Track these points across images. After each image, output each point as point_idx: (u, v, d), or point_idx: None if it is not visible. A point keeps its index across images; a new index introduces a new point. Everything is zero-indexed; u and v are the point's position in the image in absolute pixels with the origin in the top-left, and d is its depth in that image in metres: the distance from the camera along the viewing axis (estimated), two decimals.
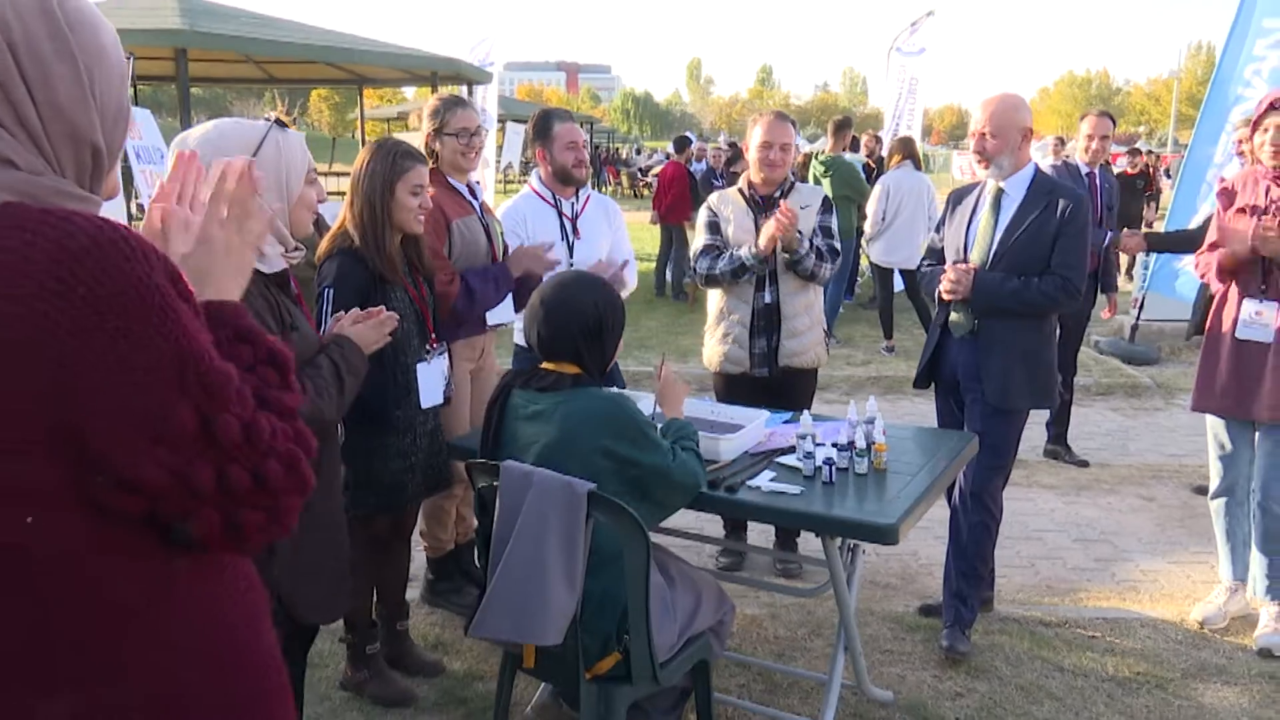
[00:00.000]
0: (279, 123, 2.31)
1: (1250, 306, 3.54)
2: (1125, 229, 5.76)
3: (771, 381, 4.02)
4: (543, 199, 3.99)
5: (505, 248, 3.77)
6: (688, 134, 14.72)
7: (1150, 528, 4.88)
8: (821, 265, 3.95)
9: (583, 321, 2.49)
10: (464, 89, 13.61)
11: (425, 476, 3.15)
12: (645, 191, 29.83)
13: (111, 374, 0.96)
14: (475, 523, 3.95)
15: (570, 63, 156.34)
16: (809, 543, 4.37)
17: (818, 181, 8.86)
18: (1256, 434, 3.62)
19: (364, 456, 2.98)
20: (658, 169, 19.28)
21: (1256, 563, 3.67)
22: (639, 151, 41.83)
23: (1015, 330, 3.41)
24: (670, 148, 14.68)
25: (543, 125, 3.94)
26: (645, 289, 11.62)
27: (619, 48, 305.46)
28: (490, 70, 14.79)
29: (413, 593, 3.85)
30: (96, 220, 0.98)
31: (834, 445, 2.79)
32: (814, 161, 9.27)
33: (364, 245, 2.96)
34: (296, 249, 2.32)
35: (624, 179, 32.82)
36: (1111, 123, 5.75)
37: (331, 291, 2.89)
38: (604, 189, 33.34)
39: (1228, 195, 3.64)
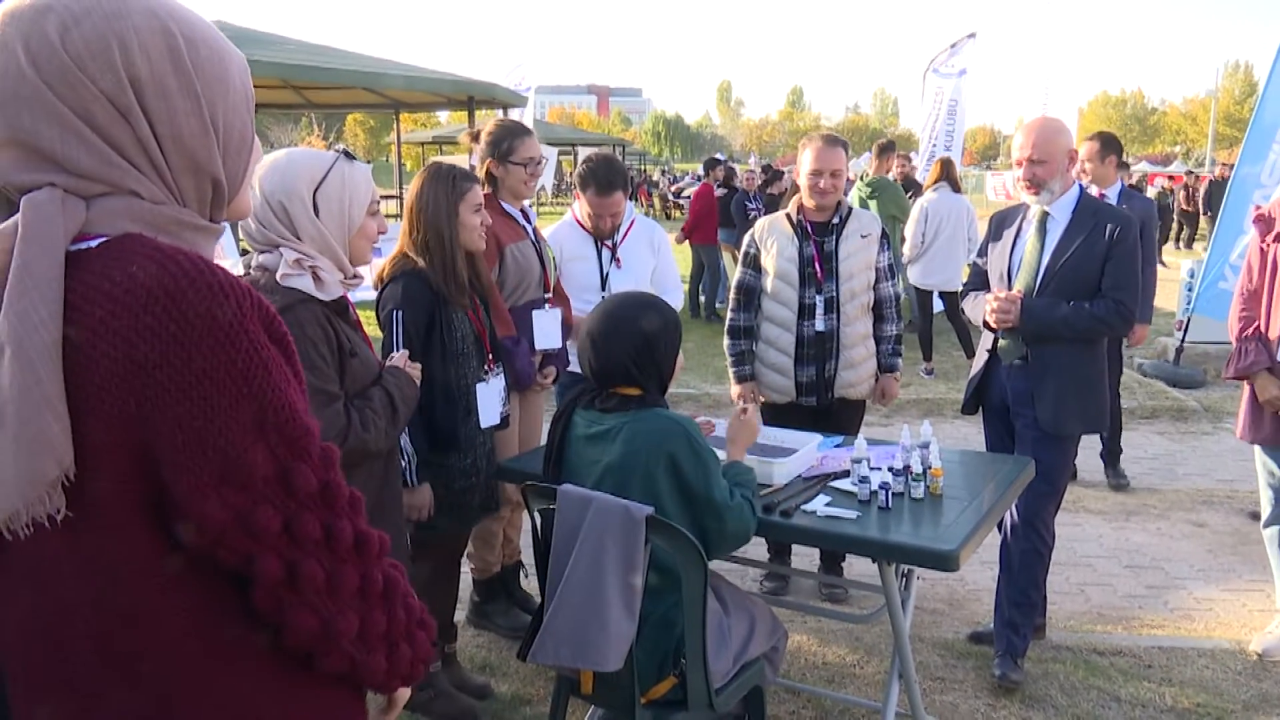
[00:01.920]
0: (346, 154, 2.36)
1: None
2: None
3: (819, 410, 3.99)
4: (583, 227, 3.99)
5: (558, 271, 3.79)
6: (718, 155, 14.77)
7: (1202, 554, 4.79)
8: (902, 345, 4.16)
9: (631, 346, 2.45)
10: (499, 113, 13.74)
11: (483, 497, 3.16)
12: (677, 214, 30.02)
13: (191, 411, 0.98)
14: (520, 545, 3.98)
15: (601, 86, 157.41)
16: (854, 566, 4.33)
17: (863, 204, 8.90)
18: None
19: (430, 477, 3.01)
20: (688, 190, 19.25)
21: None
22: (663, 173, 42.07)
23: (1067, 355, 3.37)
24: (700, 169, 14.77)
25: (581, 182, 3.88)
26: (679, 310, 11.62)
27: (650, 70, 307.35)
28: (526, 95, 14.96)
29: (459, 614, 3.86)
30: (199, 263, 1.01)
31: (889, 469, 2.77)
32: (859, 183, 9.31)
33: (432, 269, 2.99)
34: (355, 276, 2.36)
35: (655, 201, 33.03)
36: (1101, 144, 5.55)
37: (401, 314, 2.93)
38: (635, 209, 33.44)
39: (1265, 222, 3.53)
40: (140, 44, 1.03)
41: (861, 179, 9.38)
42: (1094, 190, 5.51)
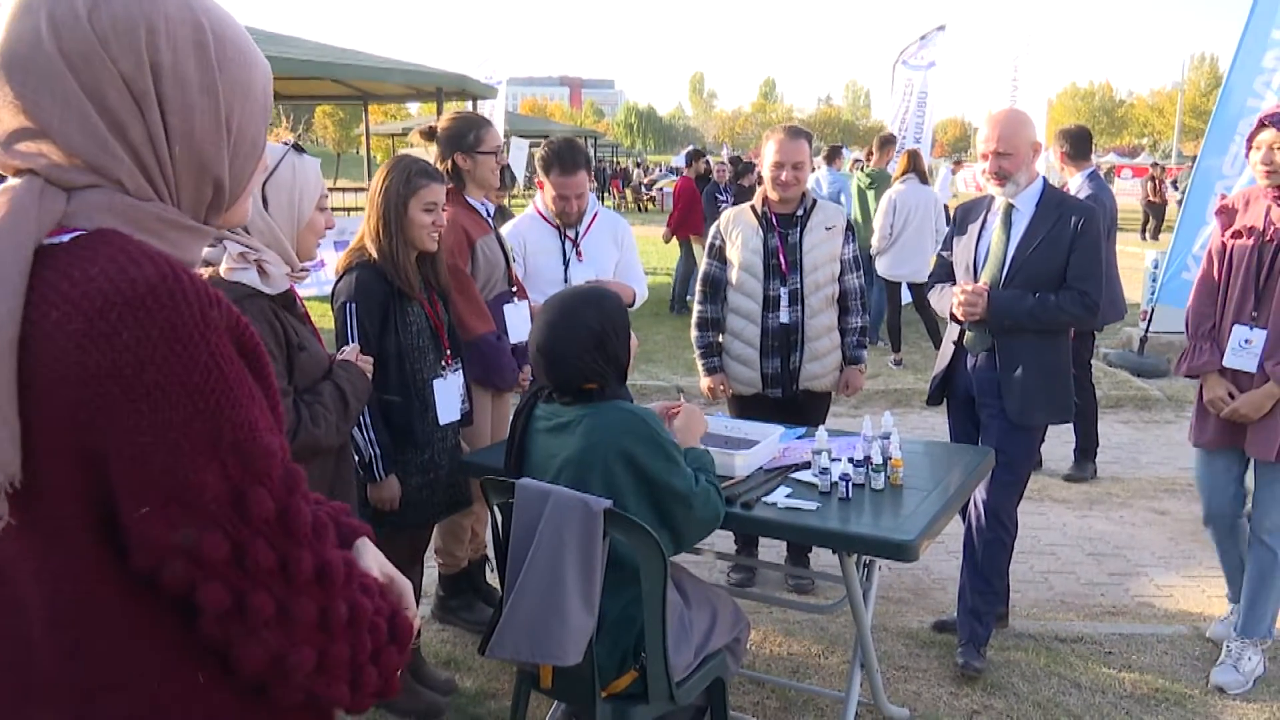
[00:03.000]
0: (296, 147, 2.33)
1: (1240, 333, 3.31)
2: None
3: (785, 402, 4.00)
4: (545, 220, 3.96)
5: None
6: (698, 148, 14.75)
7: (1163, 542, 4.85)
8: (867, 338, 4.17)
9: (581, 349, 2.40)
10: (469, 105, 13.66)
11: (446, 494, 3.14)
12: (650, 206, 30.07)
13: (139, 425, 0.93)
14: (486, 539, 3.95)
15: (573, 77, 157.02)
16: (820, 557, 4.34)
17: (862, 194, 9.32)
18: (1252, 466, 3.43)
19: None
20: (661, 183, 19.06)
21: (1243, 595, 3.49)
22: (638, 164, 42.09)
23: (1033, 346, 3.39)
24: (675, 161, 14.75)
25: (544, 165, 3.86)
26: (655, 303, 11.61)
27: (622, 62, 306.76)
28: (497, 87, 14.85)
29: (423, 609, 3.84)
30: (164, 268, 0.96)
31: (849, 460, 2.77)
32: (858, 174, 9.73)
33: (382, 260, 2.96)
34: (302, 270, 2.33)
35: (628, 194, 33.02)
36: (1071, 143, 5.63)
37: (355, 305, 2.89)
38: (606, 202, 33.58)
39: (1227, 214, 3.48)
40: (168, 31, 1.00)
41: (863, 170, 9.76)
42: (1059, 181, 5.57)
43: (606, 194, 34.89)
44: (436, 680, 3.32)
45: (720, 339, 4.13)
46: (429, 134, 3.75)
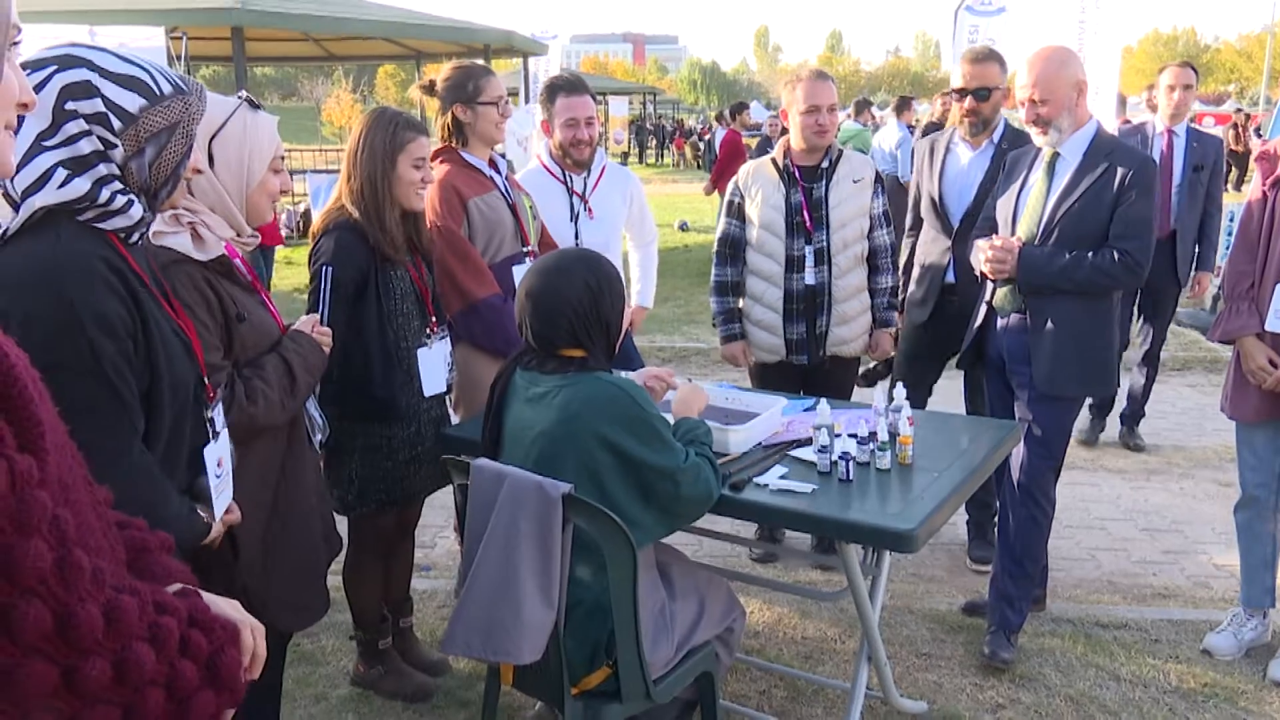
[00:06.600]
0: (250, 102, 2.15)
1: None
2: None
3: (811, 370, 3.75)
4: (551, 174, 3.73)
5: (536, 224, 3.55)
6: (744, 101, 14.35)
7: (1225, 516, 4.46)
8: (897, 298, 3.90)
9: (575, 306, 2.23)
10: (519, 62, 13.46)
11: (434, 468, 2.97)
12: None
13: None
14: None
15: (636, 34, 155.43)
16: None
17: None
18: None
19: (369, 451, 2.83)
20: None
21: None
22: (703, 124, 41.56)
23: (1067, 310, 3.07)
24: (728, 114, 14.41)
25: (546, 97, 3.66)
26: (701, 262, 11.34)
27: (686, 17, 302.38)
28: (547, 43, 14.59)
29: (424, 584, 3.72)
30: None
31: (853, 437, 2.52)
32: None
33: (365, 221, 2.77)
34: (252, 235, 2.16)
35: (687, 150, 32.66)
36: (1194, 74, 5.27)
37: (331, 269, 2.71)
38: (666, 160, 33.26)
39: (1268, 161, 3.11)
40: None
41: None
42: (1160, 125, 5.15)
43: (666, 151, 34.59)
44: (428, 661, 3.18)
45: (740, 304, 3.88)
46: (429, 88, 3.54)
